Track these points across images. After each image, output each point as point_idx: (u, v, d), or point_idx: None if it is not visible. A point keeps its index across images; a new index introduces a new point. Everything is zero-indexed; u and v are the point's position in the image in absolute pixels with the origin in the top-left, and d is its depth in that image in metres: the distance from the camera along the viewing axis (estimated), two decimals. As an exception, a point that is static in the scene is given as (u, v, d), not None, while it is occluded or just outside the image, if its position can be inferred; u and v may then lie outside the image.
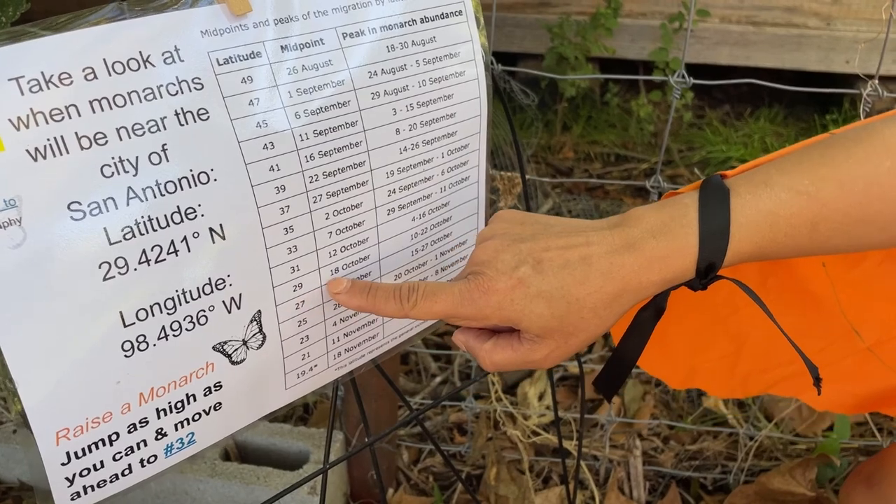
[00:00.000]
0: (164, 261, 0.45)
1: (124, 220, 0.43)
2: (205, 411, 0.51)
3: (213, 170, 0.46)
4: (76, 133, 0.41)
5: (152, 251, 0.44)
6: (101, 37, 0.42)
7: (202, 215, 0.46)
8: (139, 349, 0.46)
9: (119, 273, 0.43)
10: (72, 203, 0.41)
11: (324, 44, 0.50)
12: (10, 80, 0.39)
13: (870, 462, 0.74)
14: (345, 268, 0.55)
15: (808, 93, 2.05)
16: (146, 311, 0.45)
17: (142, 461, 0.49)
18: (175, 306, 0.46)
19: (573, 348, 0.50)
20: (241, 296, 0.49)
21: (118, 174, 0.43)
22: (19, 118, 0.39)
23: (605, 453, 1.11)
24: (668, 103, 2.02)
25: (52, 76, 0.40)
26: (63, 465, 0.45)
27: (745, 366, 0.76)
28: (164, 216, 0.44)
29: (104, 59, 0.42)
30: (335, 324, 0.57)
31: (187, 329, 0.47)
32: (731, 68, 2.03)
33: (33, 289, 0.41)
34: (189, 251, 0.46)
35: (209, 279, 0.47)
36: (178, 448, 0.51)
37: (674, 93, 0.83)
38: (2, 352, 0.41)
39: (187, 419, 0.50)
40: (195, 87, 0.45)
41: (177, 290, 0.46)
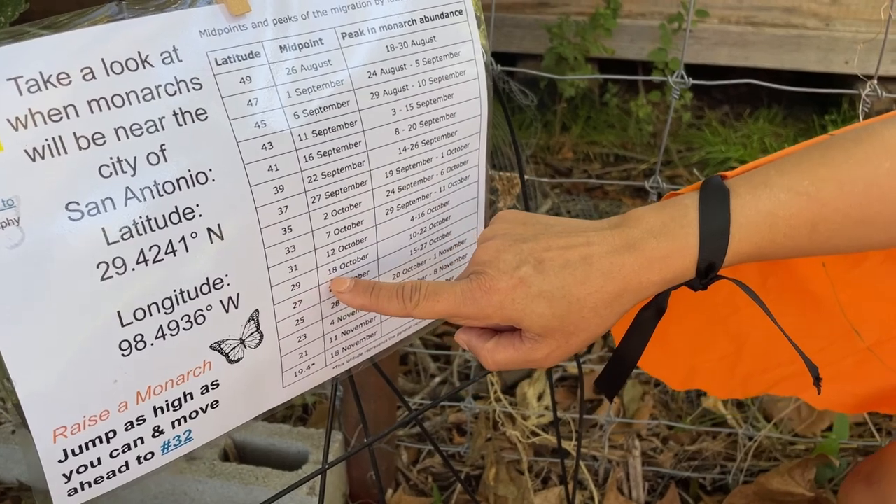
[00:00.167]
0: (162, 261, 0.45)
1: (122, 220, 0.43)
2: (202, 409, 0.51)
3: (211, 170, 0.46)
4: (74, 133, 0.41)
5: (150, 251, 0.44)
6: (100, 37, 0.42)
7: (200, 215, 0.46)
8: (136, 348, 0.46)
9: (117, 273, 0.43)
10: (70, 203, 0.41)
11: (323, 44, 0.50)
12: (8, 80, 0.39)
13: (869, 461, 0.74)
14: (343, 267, 0.55)
15: (807, 93, 2.05)
16: (144, 311, 0.45)
17: (139, 458, 0.49)
18: (173, 306, 0.46)
19: (574, 348, 0.50)
20: (238, 295, 0.49)
21: (116, 174, 0.42)
22: (17, 118, 0.39)
23: (604, 454, 1.11)
24: (667, 104, 2.02)
25: (50, 76, 0.40)
26: (60, 462, 0.45)
27: (745, 366, 0.76)
28: (163, 216, 0.44)
29: (102, 59, 0.42)
30: (333, 322, 0.57)
31: (185, 328, 0.47)
32: (730, 69, 2.03)
33: (31, 288, 0.41)
34: (187, 251, 0.46)
35: (207, 279, 0.47)
36: (175, 445, 0.51)
37: (673, 93, 0.83)
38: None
39: (184, 417, 0.50)
40: (194, 88, 0.45)
41: (174, 290, 0.46)
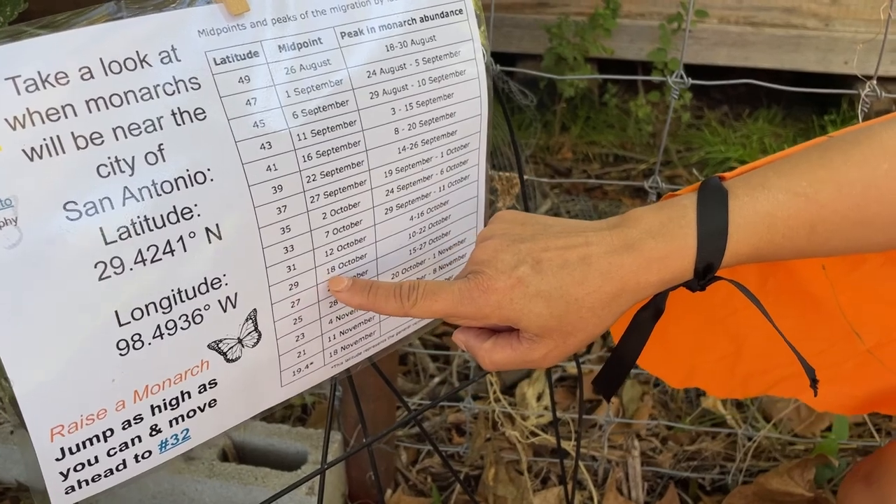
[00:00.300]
0: (160, 260, 0.45)
1: (120, 219, 0.43)
2: (199, 408, 0.51)
3: (209, 169, 0.46)
4: (72, 133, 0.41)
5: (148, 251, 0.44)
6: (98, 36, 0.42)
7: (198, 215, 0.46)
8: (134, 348, 0.45)
9: (115, 272, 0.43)
10: (68, 203, 0.41)
11: (322, 43, 0.50)
12: (6, 79, 0.39)
13: (868, 460, 0.74)
14: (341, 266, 0.55)
15: (807, 93, 2.05)
16: (141, 311, 0.45)
17: (136, 457, 0.49)
18: (170, 305, 0.46)
19: (572, 348, 0.50)
20: (236, 295, 0.49)
21: (114, 174, 0.42)
22: (15, 118, 0.39)
23: (603, 454, 1.11)
24: (666, 104, 2.02)
25: (48, 76, 0.40)
26: (57, 460, 0.45)
27: (744, 366, 0.76)
28: (161, 216, 0.44)
29: (101, 59, 0.42)
30: (331, 322, 0.57)
31: (182, 328, 0.47)
32: (730, 69, 2.03)
33: (29, 288, 0.41)
34: (185, 251, 0.46)
35: (205, 278, 0.47)
36: (172, 444, 0.51)
37: (672, 93, 0.83)
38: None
39: (182, 416, 0.50)
40: (192, 87, 0.45)
41: (172, 290, 0.46)
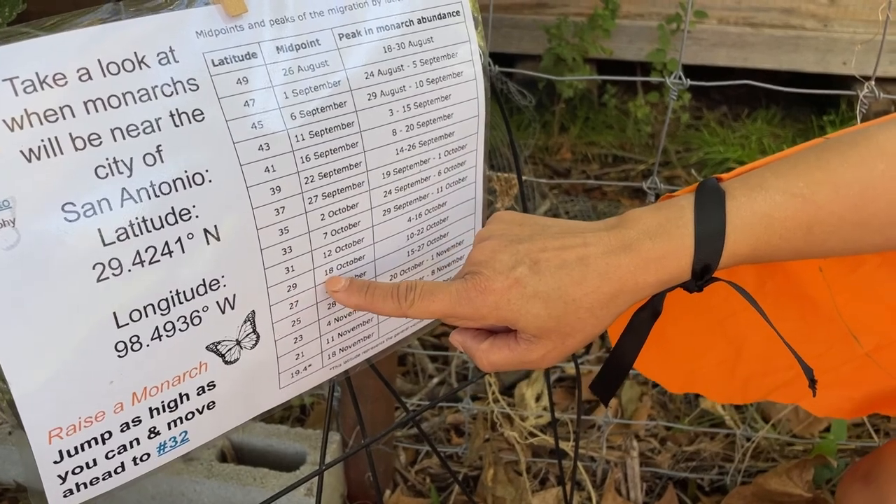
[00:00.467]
0: (158, 262, 0.45)
1: (118, 221, 0.43)
2: (198, 410, 0.51)
3: (207, 171, 0.46)
4: (70, 134, 0.41)
5: (146, 252, 0.44)
6: (96, 37, 0.42)
7: (197, 216, 0.46)
8: (132, 349, 0.45)
9: (113, 274, 0.43)
10: (66, 204, 0.41)
11: (320, 44, 0.50)
12: (4, 80, 0.39)
13: (866, 459, 0.74)
14: (339, 268, 0.55)
15: (806, 94, 2.05)
16: (140, 312, 0.45)
17: (134, 459, 0.49)
18: (169, 307, 0.46)
19: (570, 348, 0.50)
20: (234, 296, 0.49)
21: (112, 175, 0.42)
22: (13, 119, 0.39)
23: (602, 454, 1.11)
24: (665, 104, 2.02)
25: (46, 77, 0.40)
26: (55, 463, 0.45)
27: (744, 370, 0.76)
28: (159, 217, 0.44)
29: (99, 60, 0.42)
30: (329, 323, 0.57)
31: (181, 329, 0.47)
32: (729, 70, 2.03)
33: (27, 290, 0.41)
34: (183, 252, 0.46)
35: (203, 280, 0.47)
36: (171, 446, 0.51)
37: (671, 94, 0.83)
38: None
39: (180, 418, 0.50)
40: (190, 88, 0.45)
41: (171, 291, 0.46)
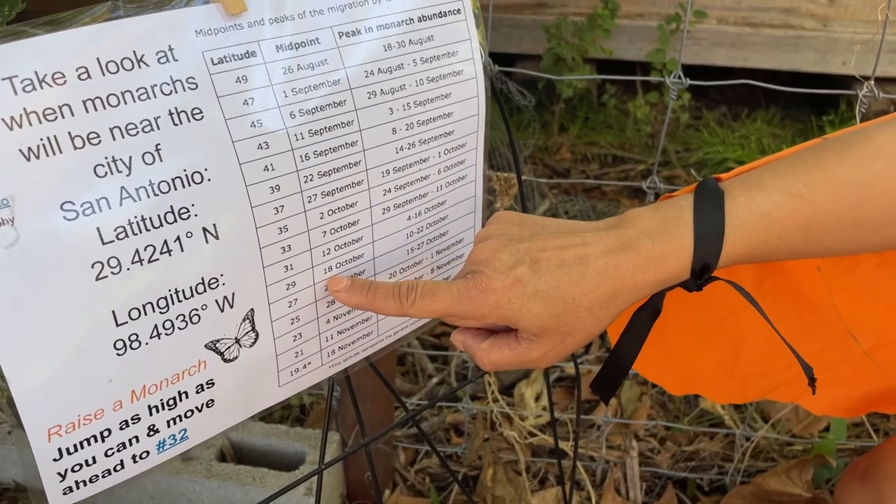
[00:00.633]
0: (157, 260, 0.45)
1: (117, 219, 0.43)
2: (197, 408, 0.51)
3: (206, 170, 0.46)
4: (69, 133, 0.41)
5: (145, 251, 0.44)
6: (95, 36, 0.42)
7: (196, 215, 0.46)
8: (131, 348, 0.45)
9: (112, 273, 0.43)
10: (65, 203, 0.41)
11: (319, 43, 0.50)
12: (3, 79, 0.39)
13: (865, 458, 0.74)
14: (338, 266, 0.55)
15: (805, 94, 2.05)
16: (139, 311, 0.45)
17: (134, 457, 0.49)
18: (168, 305, 0.46)
19: (570, 348, 0.50)
20: (233, 294, 0.49)
21: (111, 174, 0.42)
22: (12, 118, 0.39)
23: (601, 454, 1.11)
24: (665, 104, 2.02)
25: (45, 76, 0.40)
26: (55, 460, 0.45)
27: (743, 370, 0.76)
28: (158, 216, 0.44)
29: (98, 59, 0.42)
30: (328, 321, 0.57)
31: (179, 328, 0.47)
32: (728, 69, 2.03)
33: (26, 288, 0.41)
34: (182, 251, 0.46)
35: (202, 278, 0.47)
36: (170, 444, 0.51)
37: (670, 94, 0.83)
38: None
39: (179, 416, 0.50)
40: (189, 87, 0.45)
41: (170, 290, 0.46)
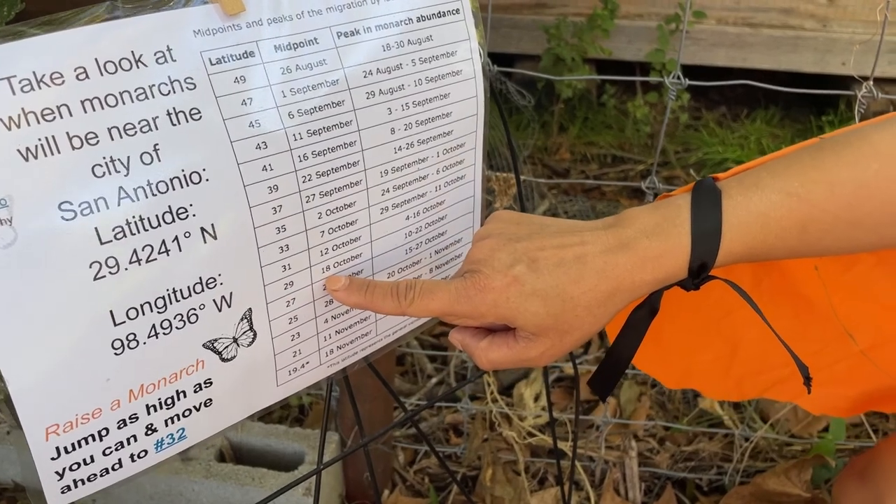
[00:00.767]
0: (155, 260, 0.45)
1: (115, 219, 0.43)
2: (195, 408, 0.51)
3: (205, 170, 0.46)
4: (67, 133, 0.41)
5: (143, 251, 0.44)
6: (94, 36, 0.42)
7: (194, 215, 0.46)
8: (129, 347, 0.46)
9: (110, 272, 0.43)
10: (63, 203, 0.41)
11: (318, 43, 0.50)
12: (1, 79, 0.39)
13: (862, 457, 0.74)
14: (336, 266, 0.55)
15: (804, 94, 2.05)
16: (136, 310, 0.45)
17: (132, 456, 0.49)
18: (166, 305, 0.46)
19: (568, 346, 0.50)
20: (231, 294, 0.49)
21: (109, 174, 0.42)
22: (10, 118, 0.39)
23: (600, 454, 1.11)
24: (664, 105, 2.02)
25: (43, 76, 0.40)
26: (53, 459, 0.45)
27: (739, 368, 0.76)
28: (156, 216, 0.44)
29: (96, 59, 0.42)
30: (327, 321, 0.57)
31: (177, 327, 0.47)
32: (728, 70, 2.03)
33: (24, 288, 0.41)
34: (180, 251, 0.46)
35: (200, 278, 0.47)
36: (168, 444, 0.51)
37: (670, 94, 0.83)
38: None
39: (177, 415, 0.50)
40: (187, 87, 0.45)
41: (167, 290, 0.46)
